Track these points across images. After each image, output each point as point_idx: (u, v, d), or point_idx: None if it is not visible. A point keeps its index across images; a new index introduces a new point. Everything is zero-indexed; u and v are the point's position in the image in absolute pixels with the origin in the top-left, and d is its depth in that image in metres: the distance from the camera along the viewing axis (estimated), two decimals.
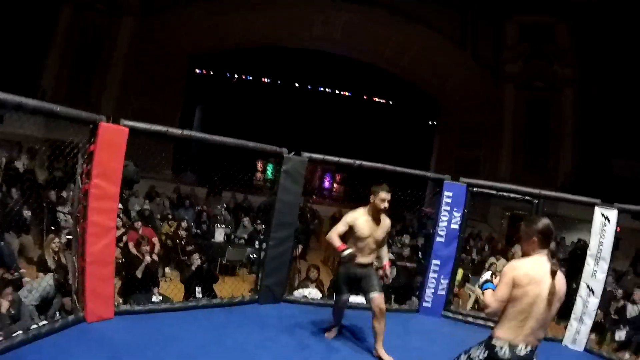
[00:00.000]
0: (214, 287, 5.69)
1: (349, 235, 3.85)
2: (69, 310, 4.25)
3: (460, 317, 5.46)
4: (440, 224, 5.44)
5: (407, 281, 7.15)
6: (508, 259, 8.04)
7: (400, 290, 6.95)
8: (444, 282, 5.41)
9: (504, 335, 2.39)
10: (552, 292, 2.33)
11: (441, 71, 16.81)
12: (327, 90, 17.89)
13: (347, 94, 17.91)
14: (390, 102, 18.48)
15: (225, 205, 10.62)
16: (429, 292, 5.46)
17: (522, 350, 2.36)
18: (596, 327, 6.65)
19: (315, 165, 16.03)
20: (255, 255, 8.11)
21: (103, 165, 3.56)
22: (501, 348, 2.37)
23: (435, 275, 5.42)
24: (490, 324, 4.32)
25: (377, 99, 18.24)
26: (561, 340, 5.05)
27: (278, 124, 16.63)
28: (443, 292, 5.43)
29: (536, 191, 5.19)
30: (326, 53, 16.71)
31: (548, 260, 2.40)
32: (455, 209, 5.45)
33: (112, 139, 3.60)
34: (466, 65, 16.44)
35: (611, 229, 4.74)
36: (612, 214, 4.77)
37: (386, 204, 3.78)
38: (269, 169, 16.45)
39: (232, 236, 9.04)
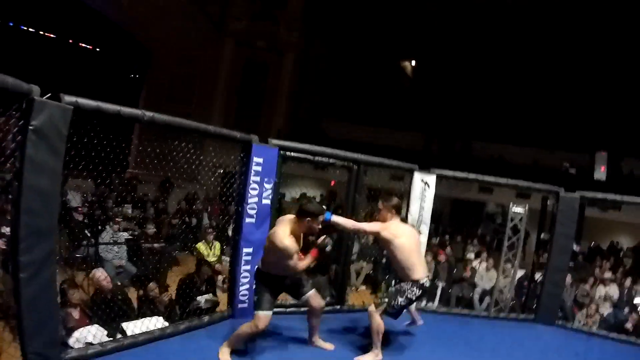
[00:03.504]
0: None
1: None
2: None
3: (283, 309, 4.29)
4: (250, 201, 4.13)
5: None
6: None
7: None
8: None
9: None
10: None
11: (164, 20, 14.85)
12: (30, 29, 14.44)
13: (51, 35, 14.79)
14: (98, 49, 16.10)
15: None
16: (243, 289, 4.14)
17: None
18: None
19: None
20: None
21: None
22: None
23: (249, 267, 4.13)
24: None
25: (83, 45, 15.64)
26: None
27: None
28: None
29: (358, 156, 4.49)
30: None
31: None
32: (265, 180, 4.23)
33: None
34: (191, 17, 14.96)
35: (431, 193, 4.54)
36: (431, 179, 4.56)
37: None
38: None
39: None
